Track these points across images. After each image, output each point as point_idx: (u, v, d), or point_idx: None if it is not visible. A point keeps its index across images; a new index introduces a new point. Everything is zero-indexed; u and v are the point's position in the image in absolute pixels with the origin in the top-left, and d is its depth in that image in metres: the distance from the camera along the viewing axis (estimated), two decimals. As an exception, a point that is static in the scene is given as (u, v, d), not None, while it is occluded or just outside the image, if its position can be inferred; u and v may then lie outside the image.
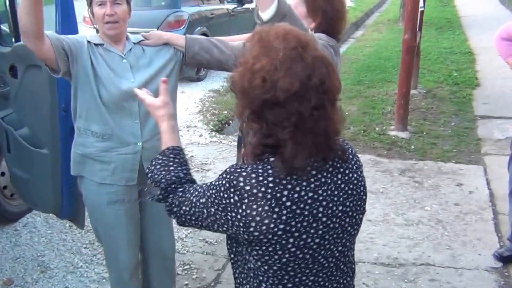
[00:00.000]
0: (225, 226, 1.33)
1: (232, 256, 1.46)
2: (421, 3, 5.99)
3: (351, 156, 1.40)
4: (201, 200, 1.37)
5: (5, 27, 3.73)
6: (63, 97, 2.77)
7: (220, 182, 1.33)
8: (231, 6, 9.23)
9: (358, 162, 1.42)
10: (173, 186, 1.47)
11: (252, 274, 1.39)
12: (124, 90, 2.20)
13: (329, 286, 1.41)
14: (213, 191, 1.34)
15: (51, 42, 2.09)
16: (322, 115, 1.25)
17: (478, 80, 7.60)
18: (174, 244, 2.78)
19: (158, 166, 1.52)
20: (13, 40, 3.47)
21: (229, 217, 1.31)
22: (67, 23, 2.77)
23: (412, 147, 5.16)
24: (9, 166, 3.22)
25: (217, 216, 1.33)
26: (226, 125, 6.16)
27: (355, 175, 1.38)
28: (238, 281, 1.46)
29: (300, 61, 1.24)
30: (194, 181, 1.51)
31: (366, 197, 1.44)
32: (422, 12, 6.45)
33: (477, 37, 10.40)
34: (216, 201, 1.32)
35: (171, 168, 1.50)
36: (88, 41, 2.23)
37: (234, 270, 1.46)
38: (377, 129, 5.67)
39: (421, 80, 7.37)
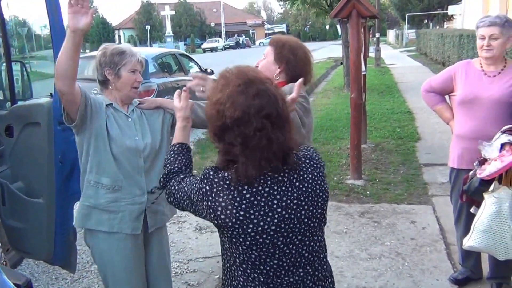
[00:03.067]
0: (203, 213, 1.57)
1: (220, 241, 1.68)
2: (363, 68, 6.48)
3: (307, 161, 1.62)
4: (190, 191, 1.61)
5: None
6: (59, 149, 2.89)
7: (199, 176, 1.59)
8: (195, 77, 9.56)
9: (315, 165, 1.63)
10: (174, 174, 1.73)
11: (228, 253, 1.63)
12: (131, 146, 2.35)
13: (295, 271, 1.60)
14: (195, 185, 1.59)
15: (80, 90, 2.23)
16: (264, 135, 1.48)
17: (419, 134, 8.07)
18: None
19: (167, 156, 1.79)
20: (8, 104, 3.58)
21: (204, 206, 1.55)
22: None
23: (368, 192, 5.41)
24: (3, 219, 3.23)
25: (199, 206, 1.57)
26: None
27: (310, 175, 1.60)
28: (223, 259, 1.69)
29: (242, 94, 1.49)
30: (191, 173, 1.76)
31: (324, 194, 1.62)
32: (364, 75, 6.94)
33: (414, 99, 11.07)
34: (196, 191, 1.57)
35: (178, 159, 1.76)
36: (106, 104, 2.37)
37: (221, 252, 1.69)
38: (335, 179, 5.93)
39: (369, 136, 7.77)
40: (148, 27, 53.39)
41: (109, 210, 2.37)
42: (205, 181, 1.55)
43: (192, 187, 1.60)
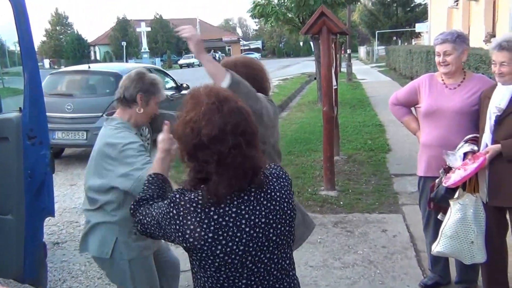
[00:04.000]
0: (172, 237, 1.53)
1: (190, 265, 1.64)
2: (334, 82, 6.57)
3: (274, 179, 1.60)
4: (158, 215, 1.57)
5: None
6: (28, 164, 2.83)
7: (166, 200, 1.55)
8: (170, 92, 9.56)
9: (282, 183, 1.62)
10: (144, 201, 1.70)
11: (198, 276, 1.59)
12: None
13: None
14: (162, 209, 1.55)
15: None
16: (238, 153, 1.47)
17: (389, 146, 8.18)
18: None
19: (143, 184, 1.78)
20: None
21: (172, 229, 1.51)
22: (35, 99, 2.88)
23: (341, 203, 5.44)
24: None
25: (167, 229, 1.53)
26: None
27: (278, 193, 1.58)
28: (194, 283, 1.65)
29: (217, 112, 1.48)
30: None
31: (292, 211, 1.61)
32: (336, 89, 7.03)
33: (384, 112, 11.22)
34: (164, 215, 1.53)
35: (151, 188, 1.74)
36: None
37: (192, 276, 1.65)
38: (309, 190, 5.94)
39: (342, 148, 7.84)
40: (124, 43, 53.07)
41: None
42: (172, 205, 1.51)
43: (160, 211, 1.56)
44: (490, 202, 2.95)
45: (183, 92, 9.82)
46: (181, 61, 56.68)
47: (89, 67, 8.76)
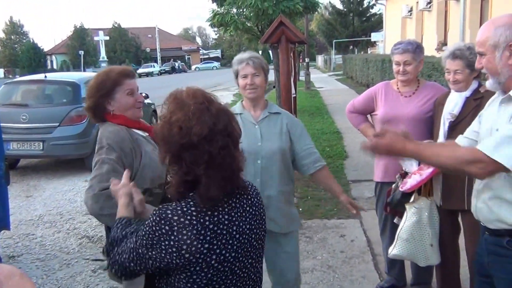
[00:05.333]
0: (159, 258, 1.43)
1: None
2: (293, 91, 6.66)
3: (250, 185, 1.62)
4: (138, 243, 1.47)
5: None
6: None
7: (152, 218, 1.46)
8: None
9: (257, 189, 1.66)
10: (118, 241, 1.59)
11: None
12: None
13: None
14: (147, 229, 1.46)
15: None
16: (227, 153, 1.46)
17: (347, 153, 8.34)
18: None
19: (113, 229, 1.65)
20: None
21: (163, 247, 1.42)
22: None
23: (300, 209, 5.47)
24: None
25: (153, 252, 1.44)
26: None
27: (256, 199, 1.61)
28: None
29: (207, 112, 1.46)
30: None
31: (265, 216, 1.65)
32: (295, 97, 7.12)
33: (342, 120, 11.42)
34: (150, 236, 1.44)
35: (125, 230, 1.62)
36: None
37: None
38: (269, 197, 5.96)
39: (301, 155, 7.91)
40: (81, 52, 51.93)
41: None
42: (163, 221, 1.43)
43: (142, 237, 1.46)
44: (443, 205, 3.04)
45: (146, 101, 9.69)
46: (140, 70, 55.88)
47: (45, 76, 8.52)
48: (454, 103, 3.00)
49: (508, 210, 1.90)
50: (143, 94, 10.33)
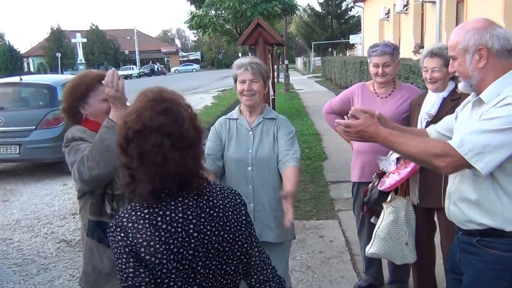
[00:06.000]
0: (128, 268, 1.45)
1: None
2: (271, 92, 6.70)
3: (218, 190, 1.63)
4: (116, 270, 1.49)
5: None
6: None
7: (110, 229, 1.50)
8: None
9: (229, 196, 1.64)
10: None
11: None
12: None
13: None
14: (113, 245, 1.48)
15: None
16: (160, 152, 1.47)
17: (326, 154, 8.41)
18: None
19: None
20: None
21: (126, 257, 1.45)
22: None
23: (280, 210, 5.51)
24: None
25: (123, 266, 1.46)
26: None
27: (221, 202, 1.60)
28: None
29: (149, 109, 1.49)
30: None
31: (237, 222, 1.60)
32: (273, 99, 7.16)
33: (321, 121, 11.49)
34: (116, 250, 1.47)
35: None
36: None
37: None
38: (248, 199, 5.97)
39: (280, 157, 7.95)
40: (58, 55, 51.15)
41: None
42: (119, 229, 1.46)
43: (116, 263, 1.47)
44: (420, 204, 3.07)
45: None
46: (119, 73, 55.16)
47: (20, 79, 8.38)
48: (431, 103, 3.04)
49: (476, 211, 1.95)
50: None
